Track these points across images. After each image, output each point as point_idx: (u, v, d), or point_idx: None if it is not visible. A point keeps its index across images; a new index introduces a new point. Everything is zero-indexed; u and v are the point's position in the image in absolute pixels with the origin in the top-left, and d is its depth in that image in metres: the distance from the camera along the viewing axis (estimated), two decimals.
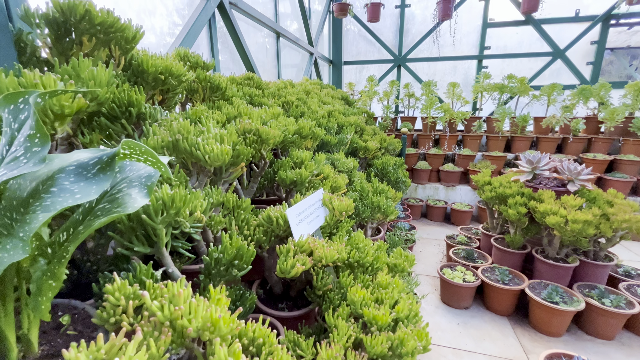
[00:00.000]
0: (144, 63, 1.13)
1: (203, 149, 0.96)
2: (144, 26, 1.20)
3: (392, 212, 1.75)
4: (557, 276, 2.59)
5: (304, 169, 1.46)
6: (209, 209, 0.98)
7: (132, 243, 0.81)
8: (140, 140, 0.95)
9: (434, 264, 3.51)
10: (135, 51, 1.25)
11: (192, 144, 0.97)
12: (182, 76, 1.30)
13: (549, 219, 2.41)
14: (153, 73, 1.17)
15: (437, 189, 5.08)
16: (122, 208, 0.57)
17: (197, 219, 0.93)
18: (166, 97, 1.44)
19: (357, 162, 2.31)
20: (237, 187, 1.35)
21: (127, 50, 1.19)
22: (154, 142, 0.93)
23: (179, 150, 0.98)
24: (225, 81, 1.91)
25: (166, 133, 0.99)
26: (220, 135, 1.03)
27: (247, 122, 1.21)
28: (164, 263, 0.86)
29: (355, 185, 1.91)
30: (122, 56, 1.20)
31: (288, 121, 1.72)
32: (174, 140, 0.96)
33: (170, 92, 1.39)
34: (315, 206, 1.30)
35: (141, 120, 1.04)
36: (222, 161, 0.98)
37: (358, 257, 1.15)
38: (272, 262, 1.23)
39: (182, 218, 0.85)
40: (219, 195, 1.02)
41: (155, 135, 0.96)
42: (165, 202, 0.77)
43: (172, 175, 0.96)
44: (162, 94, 1.41)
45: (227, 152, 0.98)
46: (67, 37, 1.04)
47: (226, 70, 3.28)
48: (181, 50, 1.72)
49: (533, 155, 2.85)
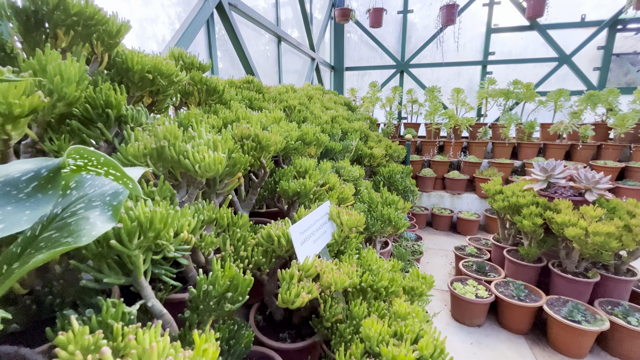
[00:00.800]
0: (129, 60, 1.00)
1: (192, 157, 0.82)
2: (146, 34, 1.07)
3: (403, 225, 1.60)
4: (577, 292, 2.42)
5: (308, 178, 1.32)
6: (199, 228, 0.84)
7: (103, 272, 0.66)
8: (121, 147, 0.81)
9: (442, 277, 3.35)
10: (121, 48, 1.12)
11: (180, 151, 0.83)
12: (173, 76, 1.17)
13: (568, 231, 2.25)
14: (139, 72, 1.03)
15: (443, 197, 4.93)
16: (75, 238, 0.43)
17: (184, 241, 0.78)
18: (157, 100, 1.30)
19: (363, 170, 2.17)
20: (233, 200, 1.21)
21: (110, 46, 1.05)
22: (135, 149, 0.79)
23: (165, 158, 0.84)
24: (222, 84, 1.78)
25: (150, 139, 0.85)
26: (213, 141, 0.89)
27: (246, 126, 1.07)
28: (143, 295, 0.71)
29: (362, 196, 1.76)
30: (106, 53, 1.07)
31: (290, 126, 1.58)
32: (159, 148, 0.82)
33: (161, 93, 1.26)
34: (322, 221, 1.15)
35: (123, 124, 0.91)
36: (214, 172, 0.84)
37: (372, 281, 1.00)
38: (272, 286, 1.08)
39: (165, 241, 0.70)
40: (210, 211, 0.88)
41: (137, 142, 0.82)
42: (142, 224, 0.62)
43: (156, 188, 0.82)
44: (152, 95, 1.28)
45: (221, 161, 0.84)
46: (40, 30, 0.91)
47: (226, 75, 3.17)
48: (175, 50, 1.59)
49: (547, 163, 2.71)
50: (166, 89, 1.25)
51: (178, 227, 0.76)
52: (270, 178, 1.42)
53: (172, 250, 0.73)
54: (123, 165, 0.79)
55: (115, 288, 0.77)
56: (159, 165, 0.85)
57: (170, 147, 0.83)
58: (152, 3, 2.46)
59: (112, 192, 0.49)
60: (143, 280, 0.70)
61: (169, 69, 1.14)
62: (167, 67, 1.13)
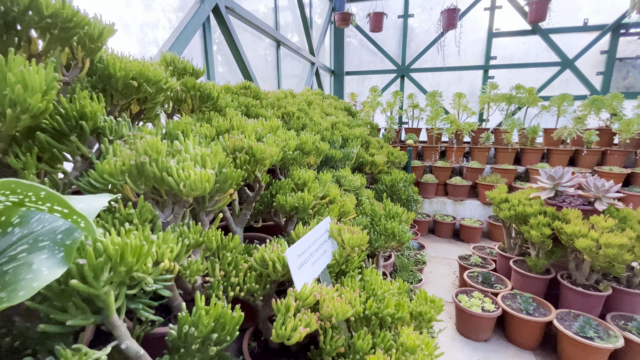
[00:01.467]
0: (111, 66, 0.91)
1: (177, 174, 0.73)
2: (147, 38, 0.99)
3: (407, 239, 1.51)
4: (588, 305, 2.32)
5: (307, 192, 1.23)
6: (183, 254, 0.75)
7: (68, 312, 0.57)
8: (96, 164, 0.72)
9: (445, 287, 3.24)
10: (104, 52, 1.04)
11: (162, 168, 0.74)
12: (161, 83, 1.09)
13: (579, 243, 2.16)
14: (123, 78, 0.95)
15: (445, 203, 4.84)
16: (9, 293, 0.34)
17: (166, 270, 0.69)
18: (145, 108, 1.22)
19: (364, 179, 2.08)
20: (226, 216, 1.12)
21: (92, 51, 0.97)
22: (111, 166, 0.70)
23: (146, 176, 0.75)
24: (217, 90, 1.70)
25: (132, 153, 0.76)
26: (201, 156, 0.81)
27: (238, 138, 0.99)
28: (116, 335, 0.62)
29: (364, 207, 1.67)
30: (87, 58, 0.99)
31: (288, 135, 1.50)
32: (139, 164, 0.73)
33: (149, 101, 1.17)
34: (321, 240, 1.06)
35: (102, 136, 0.82)
36: (201, 190, 0.75)
37: (376, 308, 0.91)
38: (268, 311, 0.99)
39: (142, 273, 0.61)
40: (197, 234, 0.79)
41: (115, 157, 0.73)
42: (112, 257, 0.53)
43: (135, 209, 0.73)
44: (140, 103, 1.20)
45: (209, 179, 0.75)
46: (11, 33, 0.83)
47: (225, 81, 3.09)
48: (167, 55, 1.51)
49: (554, 171, 2.62)
50: (155, 96, 1.16)
51: (158, 256, 0.67)
52: (267, 191, 1.33)
53: (150, 283, 0.64)
54: (98, 185, 0.70)
55: (88, 326, 0.68)
56: (139, 183, 0.77)
57: (152, 163, 0.74)
58: (153, 8, 2.42)
59: (65, 227, 0.41)
60: (115, 319, 0.61)
61: (157, 75, 1.05)
62: (154, 73, 1.05)
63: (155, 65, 1.15)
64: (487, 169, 4.90)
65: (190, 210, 1.00)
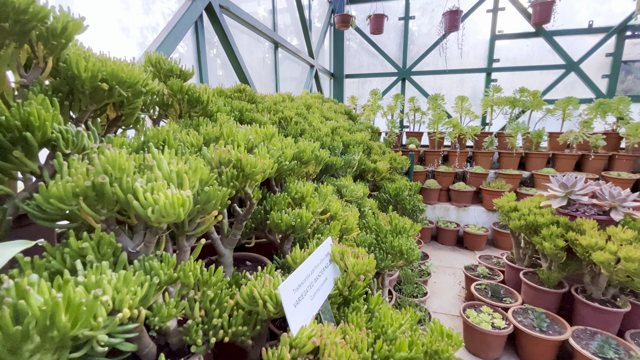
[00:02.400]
0: (74, 66, 0.78)
1: (144, 198, 0.59)
2: (147, 42, 0.86)
3: (416, 257, 1.37)
4: (605, 322, 2.18)
5: (305, 208, 1.09)
6: (152, 295, 0.60)
7: None
8: (40, 187, 0.58)
9: (451, 299, 3.10)
10: (70, 51, 0.90)
11: (127, 189, 0.60)
12: (138, 85, 0.95)
13: (596, 256, 2.02)
14: (90, 80, 0.81)
15: (448, 209, 4.70)
16: None
17: (125, 319, 0.55)
18: (123, 114, 1.08)
19: (367, 187, 1.94)
20: (212, 237, 0.98)
21: (54, 48, 0.83)
22: (60, 189, 0.56)
23: (108, 199, 0.61)
24: (211, 92, 1.57)
25: (93, 170, 0.62)
26: (177, 172, 0.67)
27: (225, 149, 0.85)
28: None
29: (368, 221, 1.53)
30: (49, 56, 0.85)
31: (285, 142, 1.36)
32: (98, 185, 0.59)
33: (127, 106, 1.03)
34: (322, 266, 0.92)
35: (58, 149, 0.68)
36: (174, 217, 0.61)
37: (387, 352, 0.77)
38: (259, 352, 0.84)
39: (90, 330, 0.47)
40: (170, 268, 0.65)
41: (69, 176, 0.59)
42: (38, 321, 0.39)
43: (91, 242, 0.59)
44: (116, 109, 1.06)
45: (184, 202, 0.61)
46: None
47: (226, 84, 2.96)
48: (152, 56, 1.38)
49: (567, 178, 2.49)
50: (132, 100, 1.02)
51: (116, 303, 0.53)
52: (260, 205, 1.20)
53: (103, 340, 0.50)
54: (50, 209, 0.56)
55: None
56: (100, 207, 0.62)
57: (115, 183, 0.60)
58: (152, 12, 2.34)
59: None
60: None
61: (132, 77, 0.91)
62: (129, 75, 0.91)
63: (136, 65, 1.01)
64: (491, 174, 4.77)
65: (170, 233, 0.86)
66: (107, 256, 0.59)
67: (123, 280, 0.55)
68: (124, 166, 0.61)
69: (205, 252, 1.13)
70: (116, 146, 0.83)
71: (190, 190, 0.70)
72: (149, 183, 0.62)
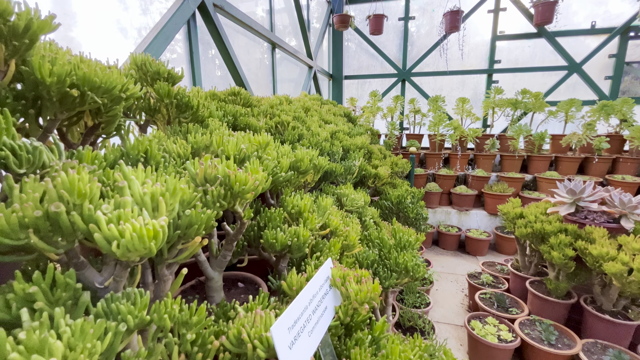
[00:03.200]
0: (37, 69, 0.68)
1: (106, 229, 0.49)
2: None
3: (422, 274, 1.28)
4: (616, 335, 2.09)
5: (303, 225, 0.99)
6: (118, 345, 0.50)
7: None
8: None
9: (454, 308, 3.00)
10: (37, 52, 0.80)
11: (89, 218, 0.50)
12: (116, 90, 0.85)
13: (608, 267, 1.93)
14: (56, 85, 0.71)
15: (449, 213, 4.61)
16: None
17: None
18: (101, 122, 0.98)
19: (368, 196, 1.85)
20: (199, 259, 0.88)
21: (17, 50, 0.73)
22: (2, 221, 0.46)
23: (65, 231, 0.51)
24: (202, 96, 1.47)
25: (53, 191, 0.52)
26: (152, 196, 0.57)
27: (212, 164, 0.75)
28: None
29: (370, 233, 1.44)
30: (11, 59, 0.75)
31: (281, 151, 1.26)
32: (51, 214, 0.49)
33: (104, 114, 0.93)
34: (321, 293, 0.82)
35: (9, 169, 0.58)
36: (145, 251, 0.51)
37: None
38: None
39: None
40: (143, 309, 0.55)
41: (16, 203, 0.49)
42: None
43: (42, 285, 0.48)
44: (93, 116, 0.96)
45: (156, 234, 0.51)
46: None
47: (223, 87, 2.86)
48: (137, 57, 1.28)
49: (575, 184, 2.40)
50: (111, 107, 0.92)
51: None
52: (254, 221, 1.10)
53: None
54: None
55: None
56: (57, 238, 0.52)
57: (73, 212, 0.50)
58: (151, 12, 2.26)
59: None
60: None
61: (109, 81, 0.81)
62: (106, 79, 0.81)
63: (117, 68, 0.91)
64: (492, 177, 4.68)
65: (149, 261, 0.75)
66: (62, 300, 0.49)
67: (79, 333, 0.45)
68: (84, 191, 0.51)
69: (193, 272, 1.03)
70: (87, 161, 0.73)
71: (167, 215, 0.60)
72: (116, 209, 0.52)
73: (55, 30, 0.83)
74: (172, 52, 2.42)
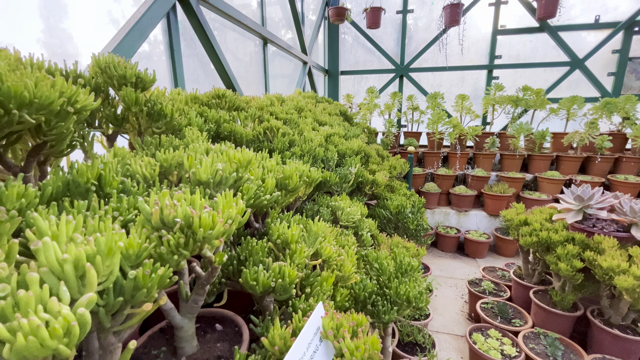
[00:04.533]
0: None
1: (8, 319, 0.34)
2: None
3: (426, 303, 1.14)
4: (625, 350, 1.99)
5: (289, 259, 0.85)
6: None
7: None
8: None
9: (454, 316, 2.90)
10: None
11: None
12: (55, 106, 0.69)
13: (619, 281, 1.82)
14: None
15: (448, 214, 4.49)
16: None
17: None
18: (45, 141, 0.82)
19: (365, 208, 1.71)
20: (164, 308, 0.73)
21: None
22: None
23: None
24: (178, 102, 1.31)
25: None
26: (75, 262, 0.42)
27: (170, 203, 0.60)
28: None
29: (367, 255, 1.30)
30: None
31: (268, 165, 1.11)
32: None
33: (47, 132, 0.77)
34: (311, 350, 0.68)
35: None
36: (50, 352, 0.36)
37: None
38: None
39: None
40: None
41: None
42: None
43: None
44: (33, 135, 0.80)
45: (70, 328, 0.36)
46: None
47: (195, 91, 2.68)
48: (101, 58, 1.11)
49: (582, 190, 2.27)
50: (55, 125, 0.76)
51: None
52: (234, 252, 0.95)
53: None
54: None
55: None
56: None
57: None
58: (144, 2, 2.06)
59: None
60: None
61: (44, 95, 0.65)
62: (39, 93, 0.65)
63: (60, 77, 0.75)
64: (492, 177, 4.56)
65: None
66: None
67: None
68: None
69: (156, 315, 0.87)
70: (11, 199, 0.57)
71: (105, 279, 0.45)
72: (14, 295, 0.37)
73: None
74: (152, 49, 2.25)
